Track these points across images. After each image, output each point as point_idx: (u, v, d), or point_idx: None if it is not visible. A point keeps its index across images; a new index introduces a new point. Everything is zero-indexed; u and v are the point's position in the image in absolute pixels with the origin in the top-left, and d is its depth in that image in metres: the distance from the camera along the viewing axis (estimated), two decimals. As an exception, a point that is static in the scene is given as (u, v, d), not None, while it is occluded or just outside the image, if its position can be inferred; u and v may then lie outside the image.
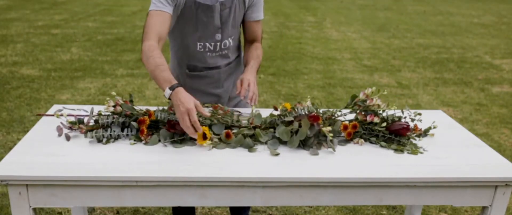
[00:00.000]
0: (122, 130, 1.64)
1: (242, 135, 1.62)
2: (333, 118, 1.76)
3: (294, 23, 9.58)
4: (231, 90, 2.09)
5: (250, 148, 1.59)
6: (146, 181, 1.39)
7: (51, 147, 1.54)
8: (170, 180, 1.39)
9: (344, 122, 1.66)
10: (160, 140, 1.60)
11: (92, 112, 1.71)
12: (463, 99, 4.93)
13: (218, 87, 2.04)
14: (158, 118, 1.66)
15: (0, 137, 3.51)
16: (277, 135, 1.63)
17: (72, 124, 1.67)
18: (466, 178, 1.47)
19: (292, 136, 1.61)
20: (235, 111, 1.87)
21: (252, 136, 1.65)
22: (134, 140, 1.61)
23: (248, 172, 1.43)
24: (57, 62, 5.80)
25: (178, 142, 1.60)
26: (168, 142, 1.60)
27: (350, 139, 1.68)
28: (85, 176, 1.37)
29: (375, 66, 6.21)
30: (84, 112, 1.88)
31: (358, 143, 1.68)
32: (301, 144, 1.61)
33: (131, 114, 1.69)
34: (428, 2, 14.74)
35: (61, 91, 4.65)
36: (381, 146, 1.66)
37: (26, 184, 1.37)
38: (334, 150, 1.60)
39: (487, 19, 11.23)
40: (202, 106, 1.83)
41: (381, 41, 8.00)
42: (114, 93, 1.75)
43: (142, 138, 1.61)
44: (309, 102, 1.76)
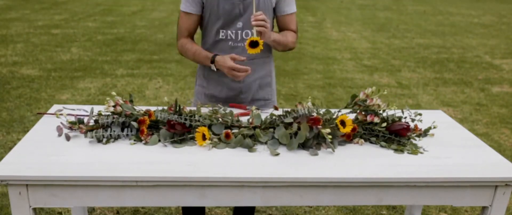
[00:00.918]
0: (122, 130, 1.64)
1: (242, 135, 1.62)
2: (333, 119, 1.76)
3: (294, 23, 9.57)
4: (256, 91, 2.08)
5: (250, 148, 1.59)
6: (146, 181, 1.39)
7: (51, 147, 1.54)
8: (170, 180, 1.39)
9: (341, 116, 1.64)
10: (160, 140, 1.60)
11: (92, 112, 1.71)
12: (463, 99, 4.93)
13: (238, 81, 2.03)
14: (158, 118, 1.66)
15: (0, 137, 3.51)
16: (276, 137, 1.63)
17: (72, 124, 1.67)
18: (466, 178, 1.47)
19: (291, 138, 1.61)
20: (256, 108, 1.85)
21: (251, 136, 1.65)
22: (134, 140, 1.61)
23: (248, 172, 1.43)
24: (57, 62, 5.80)
25: (178, 142, 1.60)
26: (168, 142, 1.60)
27: (350, 140, 1.68)
28: (85, 176, 1.37)
29: (375, 66, 6.21)
30: (84, 112, 1.88)
31: (358, 143, 1.68)
32: (300, 145, 1.60)
33: (131, 114, 1.69)
34: (428, 2, 14.74)
35: (61, 91, 4.65)
36: (381, 146, 1.66)
37: (26, 184, 1.37)
38: (334, 150, 1.59)
39: (487, 19, 11.23)
40: (201, 107, 1.84)
41: (381, 41, 8.00)
42: (114, 93, 1.75)
43: (142, 138, 1.60)
44: (309, 103, 1.76)
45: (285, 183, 1.43)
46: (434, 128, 1.79)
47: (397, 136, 1.68)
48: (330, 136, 1.58)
